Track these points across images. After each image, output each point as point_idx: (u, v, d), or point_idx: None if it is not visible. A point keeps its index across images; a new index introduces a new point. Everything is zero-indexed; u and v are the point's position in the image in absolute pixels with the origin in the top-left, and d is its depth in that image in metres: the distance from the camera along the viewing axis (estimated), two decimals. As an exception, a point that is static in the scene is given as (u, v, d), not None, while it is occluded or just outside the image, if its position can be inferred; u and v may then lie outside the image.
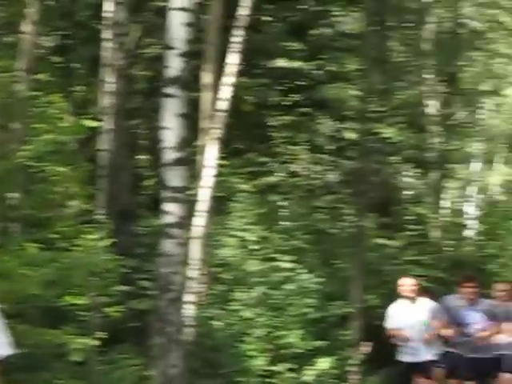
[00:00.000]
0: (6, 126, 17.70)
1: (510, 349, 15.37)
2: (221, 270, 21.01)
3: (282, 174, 29.85)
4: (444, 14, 38.61)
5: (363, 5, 28.98)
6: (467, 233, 42.25)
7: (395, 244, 27.38)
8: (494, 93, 43.91)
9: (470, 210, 46.65)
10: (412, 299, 15.82)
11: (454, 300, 15.57)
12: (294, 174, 31.72)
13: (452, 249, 36.50)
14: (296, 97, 29.41)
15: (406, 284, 15.92)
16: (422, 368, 15.65)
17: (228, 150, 24.78)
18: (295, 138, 31.99)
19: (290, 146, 32.12)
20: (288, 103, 29.54)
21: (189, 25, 12.67)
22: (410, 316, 15.64)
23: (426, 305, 15.86)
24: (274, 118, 30.54)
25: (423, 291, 19.72)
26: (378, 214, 29.13)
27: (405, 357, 15.84)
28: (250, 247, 21.52)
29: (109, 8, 17.47)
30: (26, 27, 17.71)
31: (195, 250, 17.09)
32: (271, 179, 26.40)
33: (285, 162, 31.48)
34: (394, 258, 27.03)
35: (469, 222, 44.49)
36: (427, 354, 15.62)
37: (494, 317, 15.21)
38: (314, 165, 32.54)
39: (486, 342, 15.33)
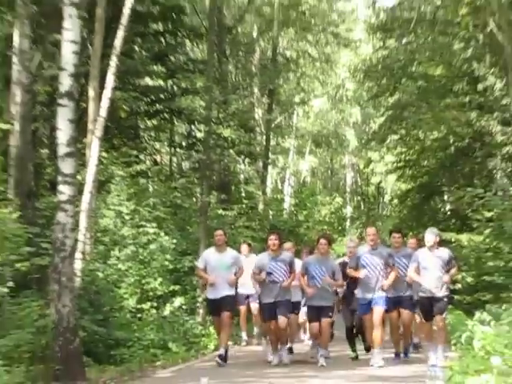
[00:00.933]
0: None
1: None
2: (102, 234, 20.86)
3: (148, 163, 29.73)
4: (267, 45, 38.81)
5: (207, 37, 28.95)
6: (284, 205, 42.60)
7: (232, 214, 27.38)
8: (303, 103, 44.33)
9: (286, 188, 47.10)
10: (220, 248, 15.60)
11: (264, 255, 15.65)
12: (157, 163, 31.63)
13: (272, 217, 36.77)
14: (158, 106, 29.30)
15: (218, 235, 15.67)
16: (221, 303, 15.31)
17: (108, 145, 24.59)
18: (158, 137, 31.89)
19: (154, 142, 32.00)
20: (152, 111, 29.40)
21: (77, 53, 12.58)
22: (217, 261, 15.46)
23: (230, 254, 15.74)
24: (143, 121, 30.41)
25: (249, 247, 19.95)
26: (219, 192, 29.16)
27: (208, 294, 15.79)
28: (124, 217, 21.41)
29: (16, 39, 17.19)
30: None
31: (82, 220, 16.87)
32: (140, 167, 26.21)
33: (150, 154, 31.37)
34: (230, 224, 27.05)
35: (285, 198, 44.89)
36: (226, 291, 15.34)
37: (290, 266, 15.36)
38: (172, 156, 32.46)
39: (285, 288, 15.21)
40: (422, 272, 13.85)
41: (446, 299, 13.84)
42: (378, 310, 14.92)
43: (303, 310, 16.71)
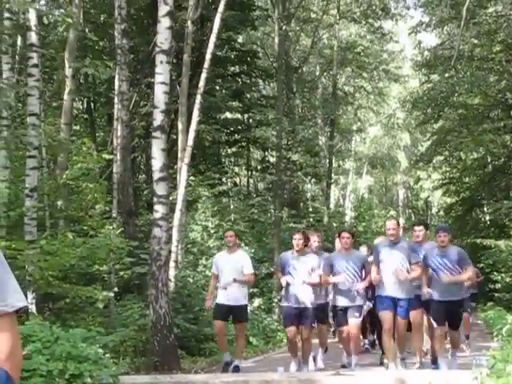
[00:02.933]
0: (55, 159, 17.59)
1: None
2: (191, 245, 20.98)
3: (229, 185, 29.87)
4: (328, 82, 38.82)
5: (277, 76, 29.06)
6: (346, 218, 42.42)
7: (301, 226, 27.30)
8: (360, 131, 44.19)
9: (347, 204, 46.89)
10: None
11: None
12: (236, 184, 31.76)
13: (336, 228, 36.64)
14: (237, 136, 29.43)
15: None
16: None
17: (195, 170, 24.78)
18: (237, 162, 32.02)
19: (233, 167, 32.13)
20: (232, 140, 29.53)
21: (167, 93, 12.69)
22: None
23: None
24: (224, 149, 30.56)
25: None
26: (289, 208, 29.15)
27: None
28: (210, 231, 21.50)
29: (117, 82, 17.43)
30: (66, 95, 17.59)
31: (175, 234, 16.97)
32: (222, 188, 26.36)
33: (231, 177, 31.51)
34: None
35: (346, 212, 44.72)
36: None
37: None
38: (249, 178, 32.56)
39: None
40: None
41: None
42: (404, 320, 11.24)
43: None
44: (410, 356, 11.74)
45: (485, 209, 33.31)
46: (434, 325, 11.03)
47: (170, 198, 16.69)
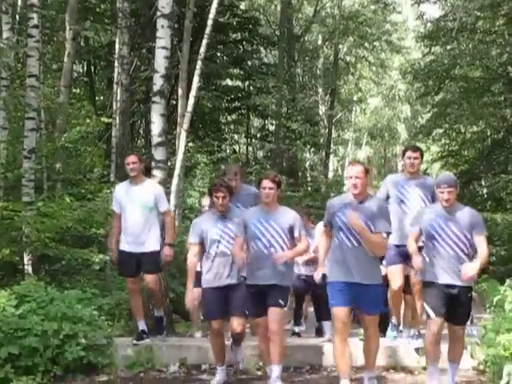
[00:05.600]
0: (53, 121, 17.59)
1: None
2: (189, 211, 21.01)
3: (228, 152, 29.88)
4: (329, 52, 38.69)
5: (278, 44, 29.01)
6: (344, 188, 42.40)
7: (298, 195, 27.36)
8: (360, 101, 44.11)
9: (346, 174, 46.90)
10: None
11: None
12: (235, 152, 31.76)
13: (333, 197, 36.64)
14: (237, 103, 29.36)
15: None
16: None
17: (194, 136, 24.78)
18: (236, 129, 31.99)
19: (233, 134, 32.11)
20: (232, 107, 29.48)
21: (167, 58, 12.67)
22: None
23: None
24: (223, 116, 30.52)
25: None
26: (287, 177, 29.17)
27: None
28: (207, 197, 21.57)
29: (118, 46, 17.39)
30: (65, 58, 17.53)
31: (172, 199, 16.98)
32: (221, 155, 26.35)
33: (230, 144, 31.52)
34: (297, 203, 27.05)
35: (345, 182, 44.75)
36: None
37: None
38: (248, 146, 32.55)
39: None
40: None
41: None
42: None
43: None
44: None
45: (482, 182, 33.35)
46: (431, 315, 7.79)
47: (169, 164, 16.70)
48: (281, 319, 8.12)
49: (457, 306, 7.80)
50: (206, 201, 10.98)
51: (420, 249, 8.15)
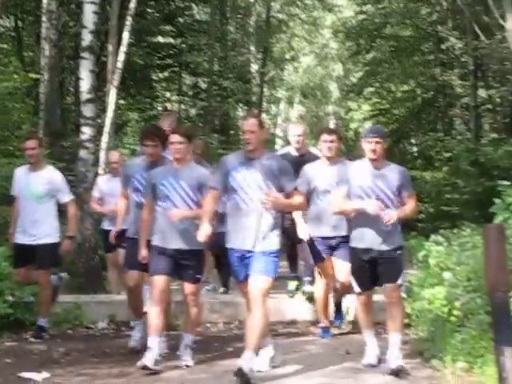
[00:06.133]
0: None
1: None
2: (120, 168, 20.87)
3: (160, 109, 29.69)
4: (262, 9, 38.55)
5: (211, 1, 28.89)
6: (276, 147, 42.49)
7: (230, 152, 27.32)
8: (293, 60, 44.17)
9: (278, 132, 47.04)
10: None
11: None
12: (167, 109, 31.58)
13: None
14: (168, 61, 29.15)
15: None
16: None
17: (125, 93, 24.55)
18: (168, 87, 31.79)
19: (164, 92, 31.90)
20: (163, 64, 29.24)
21: (96, 13, 12.58)
22: None
23: None
24: (155, 74, 30.28)
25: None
26: (220, 134, 29.18)
27: None
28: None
29: (45, 1, 17.13)
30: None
31: (102, 157, 16.89)
32: (152, 112, 26.22)
33: (161, 102, 31.31)
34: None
35: (277, 140, 44.88)
36: None
37: None
38: (180, 103, 32.37)
39: None
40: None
41: None
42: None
43: None
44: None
45: (412, 141, 33.82)
46: (356, 289, 7.61)
47: (99, 121, 16.56)
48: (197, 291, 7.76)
49: (385, 266, 7.34)
50: (113, 157, 10.94)
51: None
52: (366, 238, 7.34)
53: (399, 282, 7.42)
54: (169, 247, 7.52)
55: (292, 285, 10.62)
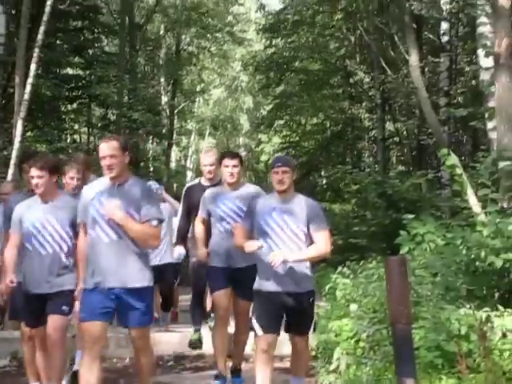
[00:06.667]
0: None
1: None
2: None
3: (68, 141, 29.42)
4: (172, 42, 38.71)
5: (120, 33, 28.89)
6: (187, 179, 42.62)
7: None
8: (203, 92, 44.36)
9: (189, 164, 47.19)
10: None
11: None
12: (75, 141, 31.33)
13: (176, 188, 36.77)
14: (78, 92, 28.92)
15: None
16: None
17: (32, 125, 24.27)
18: (77, 119, 31.52)
19: (74, 123, 31.63)
20: (72, 96, 29.00)
21: (2, 44, 12.43)
22: None
23: None
24: (64, 105, 30.01)
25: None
26: (129, 166, 28.95)
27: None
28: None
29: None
30: None
31: (8, 190, 16.70)
32: (61, 144, 25.93)
33: (71, 134, 31.05)
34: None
35: (188, 173, 45.01)
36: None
37: None
38: (90, 135, 32.16)
39: None
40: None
41: None
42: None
43: None
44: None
45: (322, 173, 34.26)
46: (258, 332, 6.78)
47: (5, 153, 16.39)
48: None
49: (295, 315, 6.79)
50: (4, 188, 10.38)
51: None
52: (273, 279, 6.77)
53: (310, 331, 7.05)
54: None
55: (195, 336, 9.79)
